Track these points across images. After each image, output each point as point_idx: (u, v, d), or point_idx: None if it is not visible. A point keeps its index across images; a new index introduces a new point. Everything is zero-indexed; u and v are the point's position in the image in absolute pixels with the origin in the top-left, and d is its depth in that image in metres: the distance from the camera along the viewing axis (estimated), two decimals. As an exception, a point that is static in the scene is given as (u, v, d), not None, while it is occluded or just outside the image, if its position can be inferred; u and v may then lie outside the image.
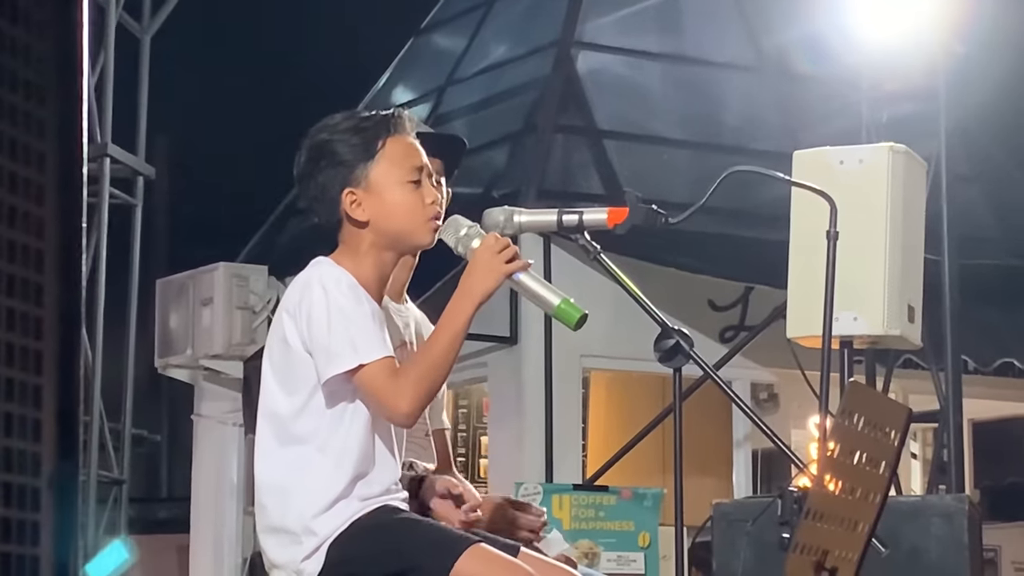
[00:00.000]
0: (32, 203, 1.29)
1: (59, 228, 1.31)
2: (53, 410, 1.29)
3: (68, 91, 1.33)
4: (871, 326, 5.51)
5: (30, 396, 1.28)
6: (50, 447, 1.29)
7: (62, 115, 1.32)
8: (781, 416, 10.77)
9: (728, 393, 4.05)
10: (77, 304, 1.33)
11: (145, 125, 10.71)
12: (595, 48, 10.84)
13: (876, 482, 3.26)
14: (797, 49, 10.72)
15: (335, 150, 3.51)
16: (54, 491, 1.28)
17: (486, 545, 3.38)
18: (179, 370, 10.80)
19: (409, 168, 3.53)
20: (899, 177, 5.57)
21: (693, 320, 8.08)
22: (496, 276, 3.47)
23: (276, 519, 3.44)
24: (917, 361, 8.95)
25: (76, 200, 1.34)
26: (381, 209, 3.49)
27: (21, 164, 1.29)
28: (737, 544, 5.13)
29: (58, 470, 1.29)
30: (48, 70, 1.31)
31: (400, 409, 3.35)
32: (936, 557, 5.39)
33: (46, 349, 1.29)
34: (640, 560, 8.25)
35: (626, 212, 3.76)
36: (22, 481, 1.27)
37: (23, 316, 1.28)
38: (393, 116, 3.57)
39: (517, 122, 10.70)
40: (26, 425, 1.27)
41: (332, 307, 3.37)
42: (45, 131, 1.31)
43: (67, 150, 1.33)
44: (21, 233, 1.28)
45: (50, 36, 1.31)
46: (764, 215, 8.89)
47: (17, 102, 1.29)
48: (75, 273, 1.32)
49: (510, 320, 9.48)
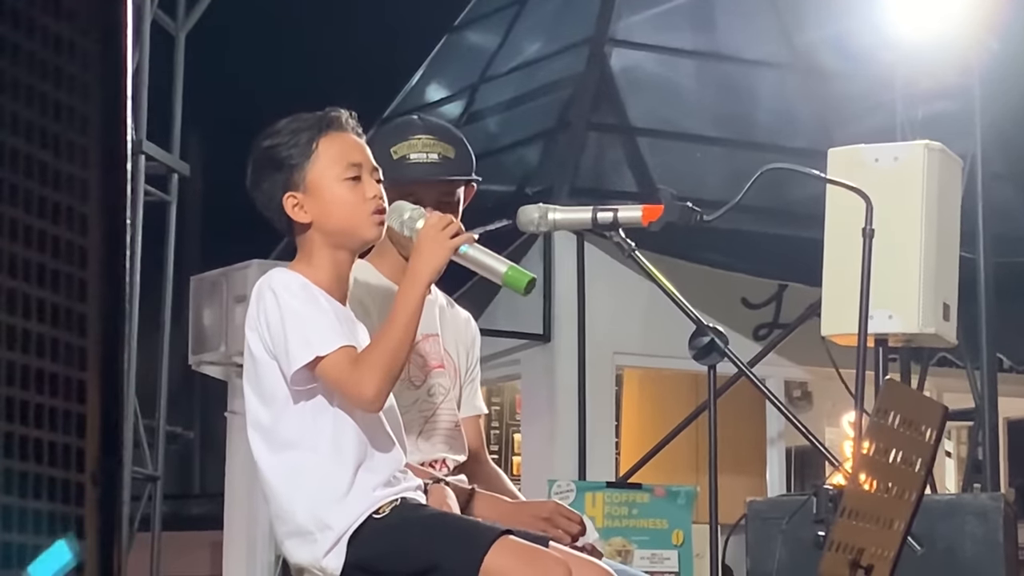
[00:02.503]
0: (76, 199, 1.30)
1: (102, 224, 1.32)
2: (97, 406, 1.30)
3: (111, 87, 1.34)
4: (906, 324, 5.50)
5: (74, 392, 1.29)
6: (94, 442, 1.29)
7: (105, 111, 1.33)
8: (815, 414, 10.76)
9: (763, 390, 4.03)
10: (120, 300, 1.33)
11: (180, 122, 10.72)
12: (628, 45, 10.83)
13: (911, 480, 3.25)
14: (831, 46, 10.69)
15: (273, 156, 3.53)
16: (98, 486, 1.29)
17: (514, 537, 3.36)
18: (212, 367, 10.82)
19: (345, 165, 3.53)
20: (934, 175, 5.55)
21: (726, 318, 8.06)
22: (443, 252, 3.47)
23: (290, 523, 3.44)
24: (952, 359, 8.92)
25: (119, 196, 1.34)
26: (321, 208, 3.50)
27: (65, 160, 1.30)
28: (772, 542, 5.12)
29: (102, 465, 1.30)
30: (92, 66, 1.32)
31: (364, 395, 3.35)
32: (971, 556, 5.37)
33: (90, 345, 1.30)
34: (674, 558, 8.24)
35: (661, 209, 3.75)
36: (66, 476, 1.28)
37: (67, 312, 1.29)
38: (326, 115, 3.57)
39: (550, 119, 10.70)
40: (71, 421, 1.28)
41: (284, 309, 3.39)
42: (88, 127, 1.32)
43: (110, 146, 1.33)
44: (65, 229, 1.29)
45: (94, 33, 1.31)
46: (798, 213, 8.86)
47: (61, 98, 1.29)
48: (118, 269, 1.32)
49: (543, 317, 9.48)
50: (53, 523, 1.28)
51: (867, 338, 5.02)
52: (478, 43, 12.24)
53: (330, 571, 3.39)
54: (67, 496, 1.28)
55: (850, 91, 10.44)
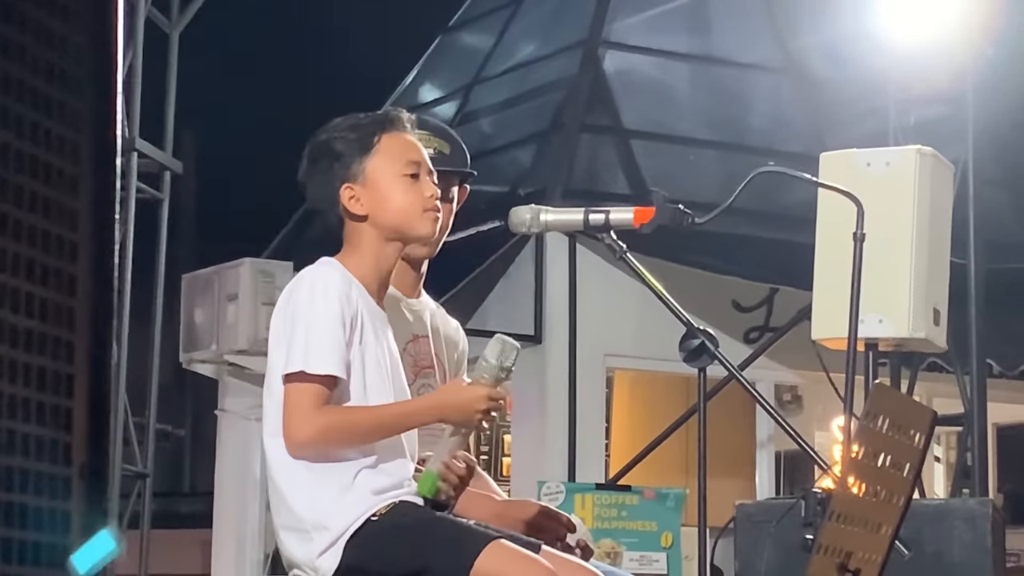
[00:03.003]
0: (66, 194, 1.30)
1: (92, 220, 1.32)
2: (84, 400, 1.30)
3: (103, 83, 1.34)
4: (896, 329, 5.50)
5: (63, 386, 1.29)
6: (81, 437, 1.29)
7: (96, 107, 1.33)
8: (805, 418, 10.76)
9: (753, 394, 4.04)
10: (109, 295, 1.34)
11: (173, 120, 10.72)
12: (623, 48, 10.83)
13: (900, 484, 3.25)
14: (824, 51, 10.70)
15: (333, 148, 3.57)
16: (85, 481, 1.29)
17: (506, 541, 3.37)
18: (204, 365, 10.82)
19: (405, 162, 3.56)
20: (926, 180, 5.56)
21: (717, 321, 8.06)
22: (466, 419, 3.48)
23: (287, 517, 3.44)
24: (942, 364, 8.93)
25: (109, 192, 1.35)
26: (378, 202, 3.53)
27: (55, 155, 1.30)
28: (760, 545, 5.13)
29: (89, 460, 1.30)
30: (84, 62, 1.32)
31: (298, 437, 3.37)
32: (959, 561, 5.38)
33: (78, 340, 1.30)
34: (663, 560, 8.24)
35: (652, 212, 3.76)
36: (53, 470, 1.28)
37: (56, 306, 1.29)
38: (391, 113, 3.62)
39: (544, 121, 10.70)
40: (58, 415, 1.28)
41: (311, 311, 3.41)
42: (80, 123, 1.32)
43: (101, 142, 1.34)
44: (55, 224, 1.29)
45: (86, 29, 1.31)
46: (790, 217, 8.87)
47: (53, 93, 1.30)
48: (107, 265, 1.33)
49: (534, 319, 9.48)
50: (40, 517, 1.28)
51: (857, 342, 5.03)
52: (472, 44, 12.24)
53: (323, 571, 3.39)
54: (54, 489, 1.28)
55: (843, 96, 10.44)
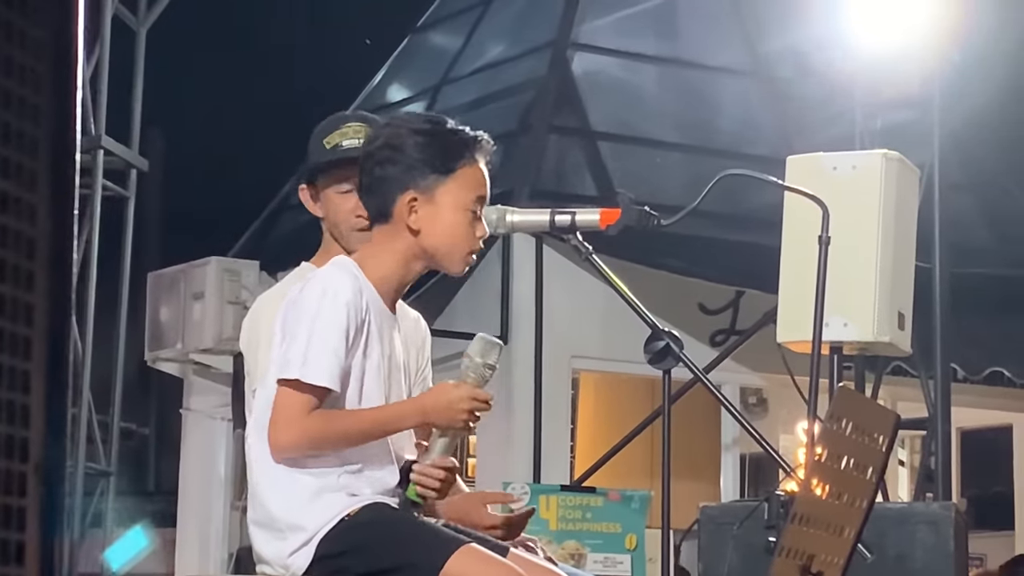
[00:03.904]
0: (24, 189, 1.29)
1: (51, 215, 1.31)
2: (42, 396, 1.29)
3: (63, 78, 1.33)
4: (861, 332, 5.52)
5: (19, 381, 1.28)
6: (38, 433, 1.29)
7: (56, 102, 1.32)
8: (770, 421, 10.79)
9: (717, 396, 4.05)
10: (68, 291, 1.33)
11: (139, 118, 10.69)
12: (591, 50, 10.84)
13: (863, 488, 3.26)
14: (792, 55, 10.73)
15: (413, 151, 3.46)
16: (41, 477, 1.28)
17: (477, 545, 3.38)
18: (169, 363, 10.79)
19: (476, 197, 3.49)
20: (892, 184, 5.58)
21: (683, 323, 8.07)
22: (450, 421, 3.44)
23: (261, 513, 3.43)
24: (906, 368, 8.96)
25: (69, 187, 1.34)
26: (435, 225, 3.45)
27: (14, 149, 1.29)
28: (723, 547, 5.14)
29: (45, 456, 1.29)
30: (44, 56, 1.31)
31: (281, 441, 3.34)
32: (921, 565, 5.39)
33: (35, 335, 1.29)
34: (627, 562, 8.24)
35: (618, 213, 3.76)
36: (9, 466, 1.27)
37: (13, 302, 1.28)
38: (479, 140, 3.53)
39: (511, 122, 10.70)
40: (14, 410, 1.27)
41: (317, 317, 3.35)
42: (39, 117, 1.31)
43: (60, 137, 1.33)
44: (13, 219, 1.28)
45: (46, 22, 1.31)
46: (756, 220, 8.89)
47: (12, 87, 1.29)
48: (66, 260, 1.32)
49: (501, 320, 9.48)
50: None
51: (822, 345, 5.04)
52: (441, 44, 12.24)
53: (294, 570, 3.38)
54: (10, 486, 1.27)
55: (810, 100, 10.47)
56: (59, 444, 1.30)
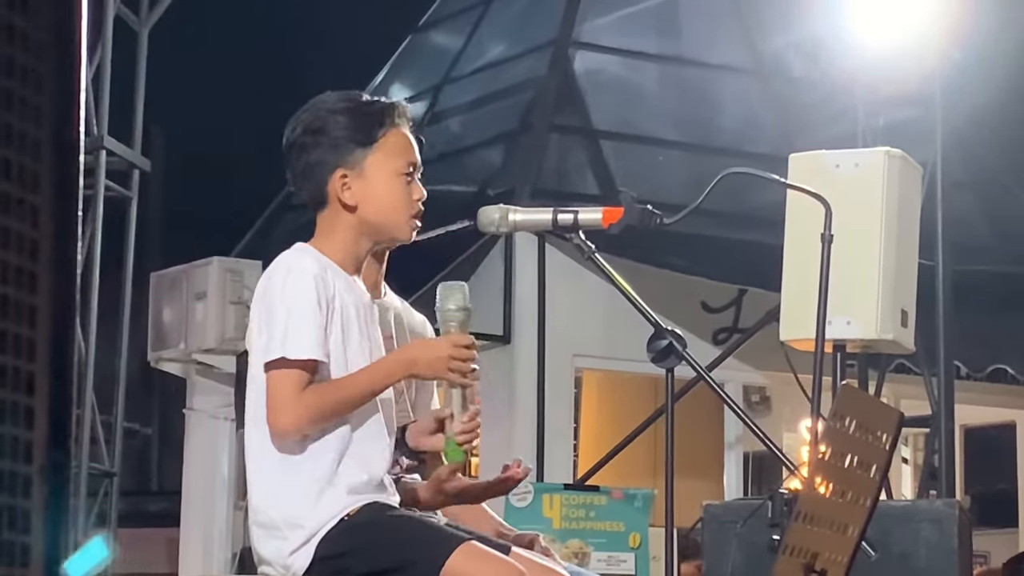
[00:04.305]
0: (27, 191, 1.29)
1: (54, 216, 1.31)
2: (46, 398, 1.29)
3: (65, 79, 1.33)
4: (864, 330, 5.51)
5: (23, 384, 1.28)
6: (42, 435, 1.29)
7: (59, 103, 1.32)
8: (773, 419, 10.78)
9: (721, 395, 4.04)
10: (71, 292, 1.33)
11: (142, 118, 10.69)
12: (592, 48, 10.84)
13: (867, 485, 3.26)
14: (794, 53, 10.73)
15: (335, 130, 3.50)
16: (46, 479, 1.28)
17: (477, 543, 3.38)
18: (172, 364, 10.80)
19: (405, 162, 3.53)
20: (894, 182, 5.57)
21: (686, 322, 8.08)
22: (437, 372, 3.47)
23: (262, 513, 3.43)
24: (909, 366, 8.96)
25: (71, 188, 1.34)
26: (370, 197, 3.49)
27: (16, 151, 1.29)
28: (727, 546, 5.13)
29: (50, 458, 1.29)
30: (46, 57, 1.31)
31: (282, 424, 3.34)
32: (925, 562, 5.39)
33: (40, 337, 1.29)
34: (630, 561, 8.24)
35: (621, 212, 3.75)
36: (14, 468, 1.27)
37: (17, 304, 1.28)
38: (397, 107, 3.56)
39: (513, 121, 10.70)
40: (19, 413, 1.27)
41: (287, 296, 3.36)
42: (41, 118, 1.31)
43: (63, 138, 1.33)
44: (16, 220, 1.28)
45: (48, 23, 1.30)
46: (759, 218, 8.88)
47: (14, 88, 1.29)
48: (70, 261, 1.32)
49: (503, 319, 9.48)
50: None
51: (825, 344, 5.04)
52: (442, 43, 12.23)
53: (294, 570, 3.38)
54: (14, 489, 1.27)
55: (812, 97, 10.47)
56: (63, 446, 1.30)
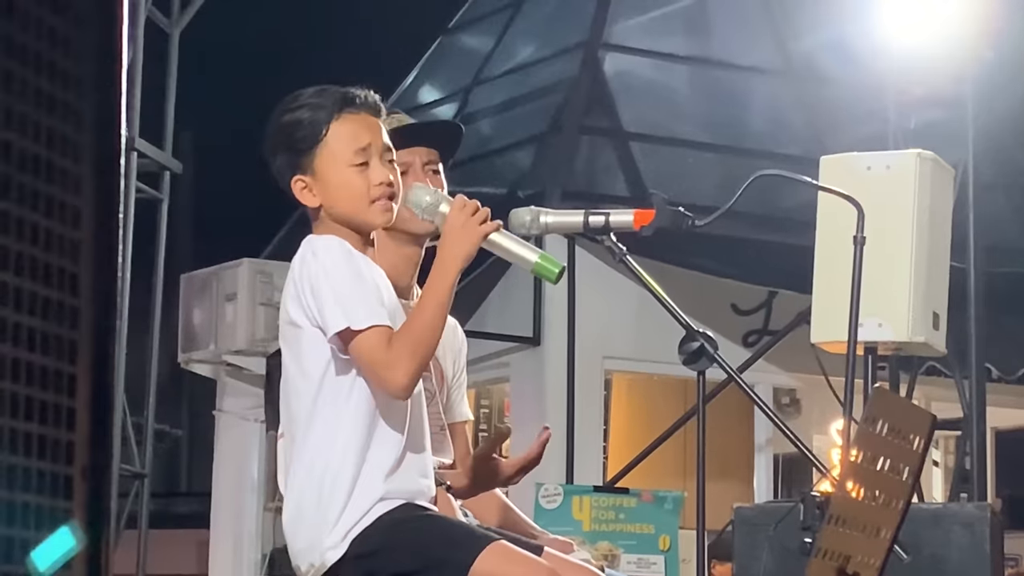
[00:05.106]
0: (69, 193, 1.30)
1: (95, 219, 1.32)
2: (87, 399, 1.30)
3: (107, 82, 1.34)
4: (896, 332, 5.50)
5: (65, 385, 1.29)
6: (83, 436, 1.29)
7: (100, 106, 1.33)
8: (803, 421, 10.76)
9: (752, 397, 4.04)
10: (112, 294, 1.33)
11: (172, 120, 10.73)
12: (622, 50, 10.84)
13: (899, 488, 3.25)
14: (824, 54, 10.70)
15: (286, 136, 3.52)
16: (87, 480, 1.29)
17: (507, 543, 3.37)
18: (202, 365, 10.82)
19: (354, 150, 3.49)
20: (926, 184, 5.56)
21: (716, 324, 8.04)
22: (473, 240, 3.42)
23: (294, 510, 3.43)
24: (941, 368, 8.93)
25: (113, 191, 1.34)
26: (328, 194, 3.48)
27: (58, 154, 1.30)
28: (758, 549, 5.13)
29: (91, 459, 1.30)
30: (88, 61, 1.32)
31: (398, 380, 3.31)
32: (957, 565, 5.37)
33: (81, 339, 1.30)
34: (660, 563, 8.24)
35: (652, 214, 3.74)
36: (56, 470, 1.28)
37: (59, 305, 1.29)
38: (342, 94, 3.54)
39: (543, 123, 10.70)
40: (60, 414, 1.28)
41: (328, 271, 3.36)
42: (83, 122, 1.32)
43: (104, 141, 1.34)
44: (58, 223, 1.29)
45: (90, 27, 1.31)
46: (789, 220, 8.87)
47: (56, 92, 1.29)
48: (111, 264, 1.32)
49: (533, 321, 9.48)
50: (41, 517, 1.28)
51: (856, 346, 5.03)
52: (472, 45, 12.24)
53: (327, 563, 3.38)
54: (56, 490, 1.28)
55: (843, 99, 10.45)
56: (105, 447, 1.31)
